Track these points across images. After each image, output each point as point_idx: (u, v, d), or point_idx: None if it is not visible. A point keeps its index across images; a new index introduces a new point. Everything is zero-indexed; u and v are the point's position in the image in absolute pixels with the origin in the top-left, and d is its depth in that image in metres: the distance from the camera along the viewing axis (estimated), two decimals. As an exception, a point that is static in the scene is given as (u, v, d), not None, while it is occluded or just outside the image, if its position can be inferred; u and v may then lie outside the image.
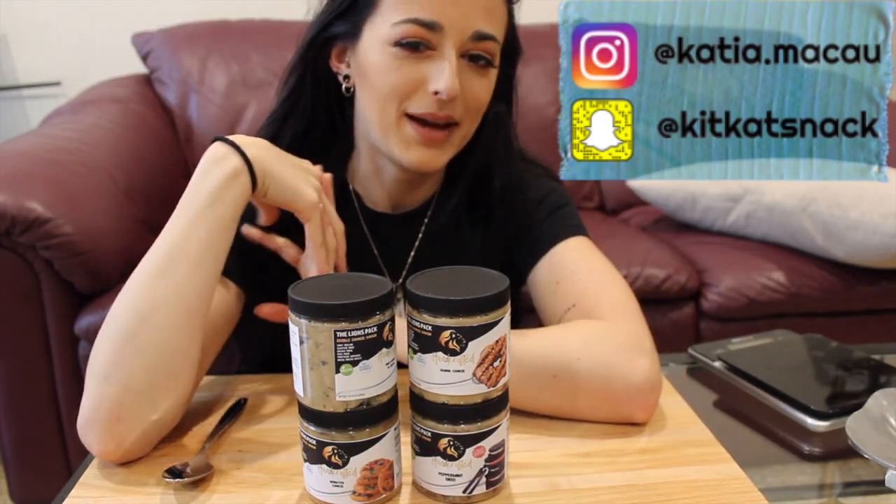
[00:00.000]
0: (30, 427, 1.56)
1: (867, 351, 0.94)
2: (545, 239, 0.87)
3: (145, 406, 0.67)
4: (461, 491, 0.63)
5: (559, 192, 0.92)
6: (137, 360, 0.66)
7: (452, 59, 0.76)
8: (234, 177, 0.71)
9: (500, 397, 0.62)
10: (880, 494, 0.71)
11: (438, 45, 0.76)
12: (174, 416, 0.71)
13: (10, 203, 1.41)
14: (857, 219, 1.64)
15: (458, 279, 0.62)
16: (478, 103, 0.80)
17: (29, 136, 1.77)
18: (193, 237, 0.70)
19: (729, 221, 1.90)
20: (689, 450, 0.71)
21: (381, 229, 0.91)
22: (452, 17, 0.75)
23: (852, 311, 1.78)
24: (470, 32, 0.76)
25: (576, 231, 0.87)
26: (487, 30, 0.77)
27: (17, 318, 1.49)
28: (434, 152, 0.80)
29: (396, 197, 0.90)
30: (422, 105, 0.77)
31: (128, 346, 0.67)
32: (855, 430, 0.70)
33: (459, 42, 0.76)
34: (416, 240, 0.91)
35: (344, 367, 0.58)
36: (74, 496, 0.65)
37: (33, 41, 2.35)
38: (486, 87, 0.80)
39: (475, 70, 0.79)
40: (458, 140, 0.82)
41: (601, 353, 0.73)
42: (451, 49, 0.76)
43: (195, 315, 0.70)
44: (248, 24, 2.20)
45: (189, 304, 0.69)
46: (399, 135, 0.80)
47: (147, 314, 0.67)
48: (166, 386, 0.68)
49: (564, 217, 0.89)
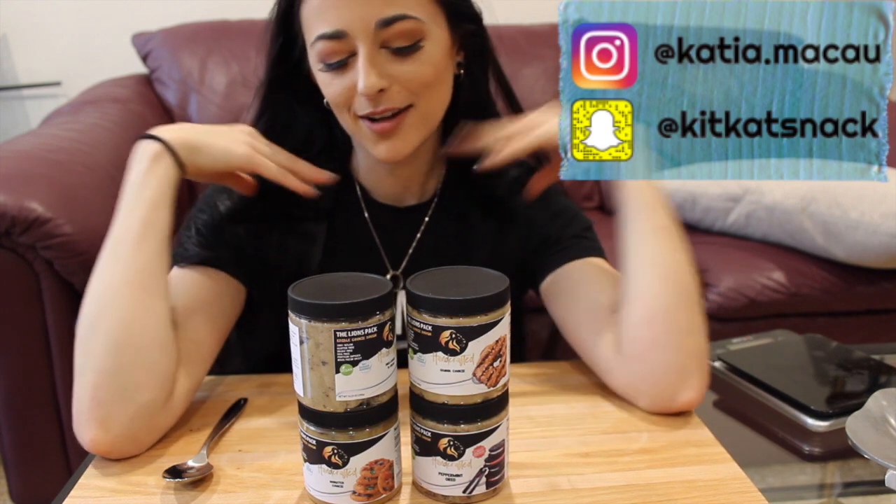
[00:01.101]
0: (30, 427, 1.56)
1: (867, 351, 0.94)
2: (573, 249, 0.89)
3: (120, 387, 0.69)
4: (461, 491, 0.63)
5: (584, 214, 0.95)
6: (103, 344, 0.70)
7: (365, 59, 0.76)
8: (155, 160, 0.76)
9: (500, 397, 0.62)
10: (880, 494, 0.71)
11: (354, 49, 0.77)
12: (159, 400, 0.71)
13: (10, 203, 1.40)
14: (857, 219, 1.64)
15: (459, 279, 0.62)
16: (419, 83, 0.79)
17: (29, 136, 1.77)
18: (130, 222, 0.74)
19: (729, 221, 1.90)
20: (689, 450, 0.71)
21: (385, 220, 0.91)
22: (352, 19, 0.75)
23: (852, 311, 1.78)
24: (373, 24, 0.75)
25: (601, 253, 0.91)
26: (392, 13, 0.76)
27: (17, 318, 1.49)
28: (395, 141, 0.81)
29: (398, 188, 0.91)
30: (361, 106, 0.79)
31: (92, 333, 0.71)
32: (855, 430, 0.70)
33: (368, 38, 0.76)
34: (419, 231, 0.91)
35: (344, 367, 0.58)
36: (74, 496, 0.65)
37: (33, 41, 2.35)
38: (421, 62, 0.79)
39: (400, 53, 0.78)
40: (419, 121, 0.81)
41: None
42: (364, 47, 0.76)
43: (150, 290, 0.72)
44: (248, 24, 2.20)
45: (141, 281, 0.72)
46: (363, 136, 0.82)
47: (103, 299, 0.71)
48: (136, 363, 0.70)
49: (592, 238, 0.92)
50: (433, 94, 0.82)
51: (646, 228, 0.79)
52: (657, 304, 0.76)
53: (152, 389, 0.70)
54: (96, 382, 0.69)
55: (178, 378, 0.74)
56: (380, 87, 0.77)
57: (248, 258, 0.85)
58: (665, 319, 0.76)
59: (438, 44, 0.80)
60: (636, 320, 0.77)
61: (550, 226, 0.91)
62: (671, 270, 0.77)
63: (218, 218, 0.86)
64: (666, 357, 0.75)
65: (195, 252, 0.83)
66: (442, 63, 0.81)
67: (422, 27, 0.78)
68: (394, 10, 0.76)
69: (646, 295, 0.77)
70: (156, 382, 0.71)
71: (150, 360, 0.71)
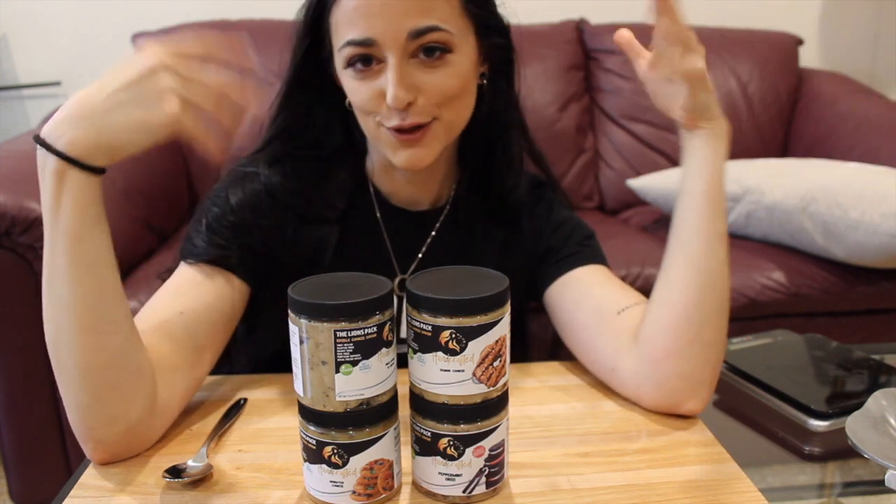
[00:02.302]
0: (30, 427, 1.56)
1: (867, 351, 0.94)
2: (576, 257, 0.89)
3: (103, 415, 0.68)
4: (461, 491, 0.63)
5: (586, 224, 0.95)
6: (73, 382, 0.67)
7: (395, 70, 0.75)
8: (59, 180, 0.63)
9: (500, 397, 0.62)
10: (880, 494, 0.71)
11: (383, 57, 0.76)
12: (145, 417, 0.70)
13: (10, 203, 1.41)
14: (857, 219, 1.64)
15: (458, 279, 0.62)
16: (445, 94, 0.79)
17: (29, 136, 1.77)
18: (57, 260, 0.64)
19: (729, 221, 1.90)
20: (689, 450, 0.71)
21: (397, 223, 0.91)
22: (382, 28, 0.75)
23: (852, 311, 1.78)
24: (405, 34, 0.75)
25: (604, 261, 0.91)
26: (424, 24, 0.75)
27: (17, 318, 1.49)
28: (418, 150, 0.80)
29: (413, 193, 0.91)
30: (389, 118, 0.78)
31: (59, 372, 0.67)
32: (855, 430, 0.70)
33: (398, 48, 0.75)
34: (429, 237, 0.91)
35: (344, 367, 0.58)
36: (74, 496, 0.65)
37: (33, 41, 2.35)
38: (448, 75, 0.78)
39: (429, 64, 0.77)
40: (443, 132, 0.81)
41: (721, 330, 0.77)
42: (393, 57, 0.75)
43: (102, 329, 0.66)
44: (248, 24, 2.20)
45: (89, 324, 0.65)
46: (383, 142, 0.81)
47: (58, 344, 0.66)
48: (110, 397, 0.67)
49: (595, 247, 0.92)
50: (458, 106, 0.81)
51: (701, 230, 0.77)
52: (692, 314, 0.75)
53: (137, 410, 0.69)
54: (79, 414, 0.68)
55: (175, 380, 0.73)
56: (407, 101, 0.76)
57: (257, 257, 0.84)
58: (695, 331, 0.75)
59: (466, 56, 0.80)
60: (664, 325, 0.76)
61: (553, 236, 0.92)
62: (714, 281, 0.76)
63: (229, 212, 0.84)
64: (683, 367, 0.75)
65: (203, 249, 0.81)
66: (468, 75, 0.81)
67: (452, 39, 0.78)
68: (426, 21, 0.75)
69: (681, 301, 0.76)
70: (138, 404, 0.69)
71: (124, 390, 0.68)
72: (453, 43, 0.78)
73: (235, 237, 0.83)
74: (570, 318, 0.86)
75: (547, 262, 0.91)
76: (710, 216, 0.77)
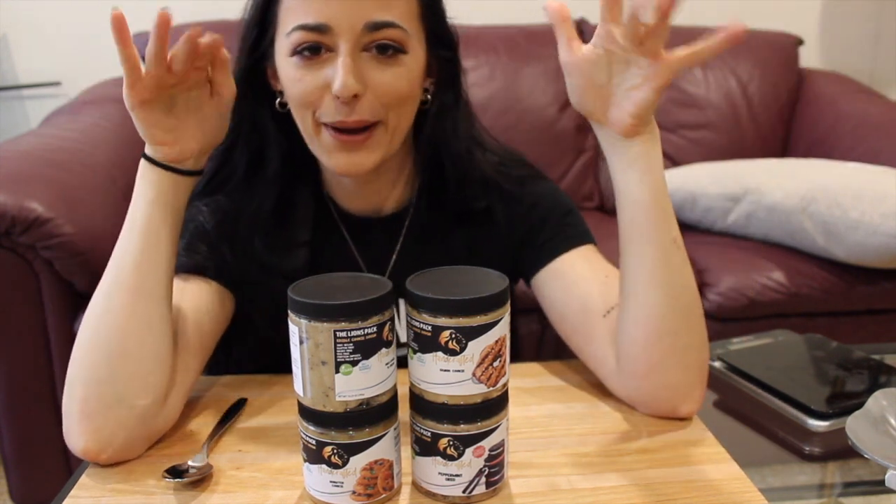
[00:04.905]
0: (30, 427, 1.56)
1: (867, 351, 0.94)
2: (558, 240, 0.86)
3: (115, 394, 0.68)
4: (461, 491, 0.63)
5: (563, 196, 0.92)
6: (99, 352, 0.69)
7: (346, 58, 0.73)
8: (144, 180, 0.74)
9: (500, 397, 0.62)
10: (880, 494, 0.71)
11: (334, 46, 0.74)
12: (153, 408, 0.70)
13: (10, 203, 1.41)
14: (857, 219, 1.64)
15: (458, 279, 0.62)
16: (393, 95, 0.77)
17: (29, 136, 1.77)
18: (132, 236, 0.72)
19: (729, 221, 1.90)
20: (689, 450, 0.71)
21: (363, 233, 0.89)
22: (339, 15, 0.73)
23: (852, 311, 1.77)
24: (361, 25, 0.73)
25: (586, 237, 0.88)
26: (383, 18, 0.74)
27: (17, 318, 1.49)
28: (359, 155, 0.78)
29: (366, 201, 0.89)
30: (330, 113, 0.76)
31: (89, 340, 0.70)
32: (855, 430, 0.70)
33: (353, 38, 0.74)
34: (398, 242, 0.90)
35: (344, 367, 0.58)
36: (74, 496, 0.65)
37: (33, 41, 2.35)
38: (399, 75, 0.77)
39: (381, 61, 0.76)
40: (387, 137, 0.79)
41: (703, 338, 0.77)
42: (345, 47, 0.74)
43: (148, 295, 0.71)
44: (248, 24, 2.20)
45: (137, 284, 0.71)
46: (320, 143, 0.79)
47: (94, 307, 0.71)
48: (131, 373, 0.69)
49: (574, 223, 0.89)
50: (403, 111, 0.79)
51: (655, 240, 0.72)
52: (663, 326, 0.73)
53: (147, 397, 0.70)
54: (86, 394, 0.68)
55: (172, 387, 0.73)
56: (355, 92, 0.74)
57: (229, 263, 0.83)
58: (669, 342, 0.74)
59: (417, 62, 0.79)
60: (640, 341, 0.74)
61: (529, 217, 0.88)
62: (679, 290, 0.73)
63: (200, 224, 0.84)
64: (667, 378, 0.75)
65: (181, 262, 0.80)
66: (416, 81, 0.79)
67: (407, 40, 0.76)
68: (385, 15, 0.74)
69: (651, 316, 0.73)
70: (151, 391, 0.70)
71: (144, 370, 0.70)
72: (408, 44, 0.77)
73: (212, 253, 0.83)
74: (559, 318, 0.85)
75: (528, 247, 0.88)
76: (663, 224, 0.72)
